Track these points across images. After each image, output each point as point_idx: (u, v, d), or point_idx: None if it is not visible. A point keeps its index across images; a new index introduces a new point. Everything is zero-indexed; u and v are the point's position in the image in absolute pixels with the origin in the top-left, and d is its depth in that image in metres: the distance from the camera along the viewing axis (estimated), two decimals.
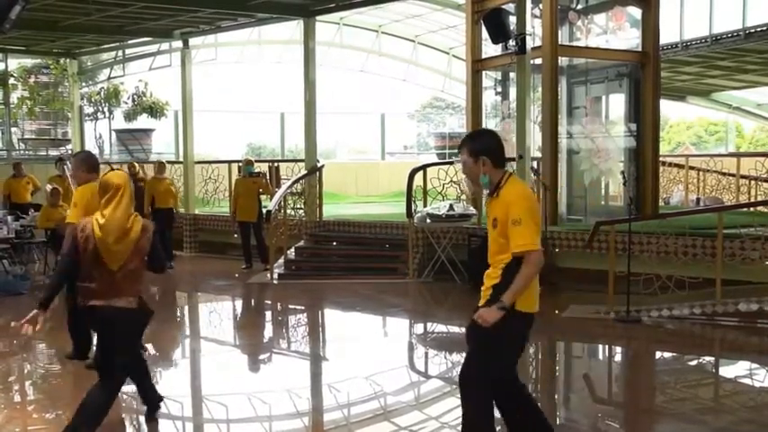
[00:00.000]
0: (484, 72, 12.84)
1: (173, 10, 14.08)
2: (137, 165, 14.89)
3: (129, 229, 4.49)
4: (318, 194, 13.32)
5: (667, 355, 7.71)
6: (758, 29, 14.25)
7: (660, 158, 12.72)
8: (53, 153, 18.71)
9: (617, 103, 12.16)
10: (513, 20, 10.20)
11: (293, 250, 12.23)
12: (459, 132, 22.97)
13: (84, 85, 19.69)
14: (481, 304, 3.97)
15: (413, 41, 20.60)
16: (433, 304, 10.15)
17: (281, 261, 11.93)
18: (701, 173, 15.83)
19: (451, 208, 10.83)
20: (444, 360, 7.48)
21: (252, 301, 10.91)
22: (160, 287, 10.77)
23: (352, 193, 20.98)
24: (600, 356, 7.93)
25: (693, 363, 7.39)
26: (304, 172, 13.47)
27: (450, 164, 12.60)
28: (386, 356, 7.35)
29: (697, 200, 15.43)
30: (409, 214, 11.18)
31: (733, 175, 15.22)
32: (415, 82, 22.30)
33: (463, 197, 11.80)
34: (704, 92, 22.01)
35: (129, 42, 17.89)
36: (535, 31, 11.04)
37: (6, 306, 9.58)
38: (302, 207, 13.01)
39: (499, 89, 13.13)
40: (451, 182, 11.82)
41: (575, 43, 11.91)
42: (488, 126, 13.07)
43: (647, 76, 11.47)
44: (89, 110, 19.58)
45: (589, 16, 12.04)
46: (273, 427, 5.39)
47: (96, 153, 19.37)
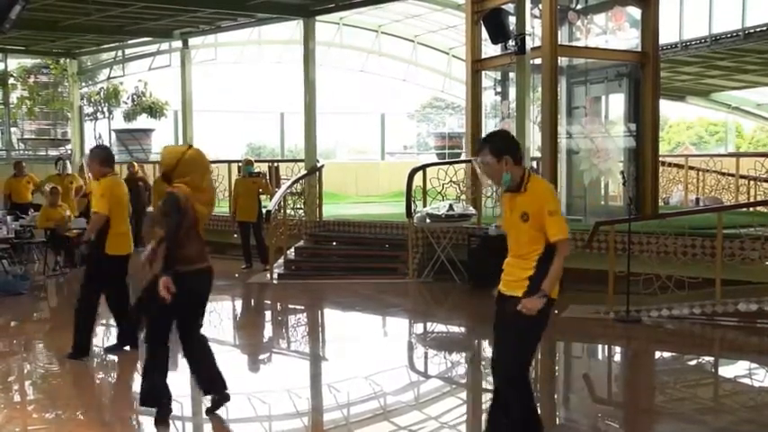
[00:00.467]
0: (484, 72, 12.85)
1: (172, 10, 14.09)
2: (136, 165, 14.90)
3: None
4: (318, 194, 13.32)
5: (667, 355, 7.71)
6: (757, 29, 14.25)
7: (660, 158, 12.73)
8: (53, 153, 18.72)
9: (616, 103, 12.17)
10: (512, 20, 10.22)
11: (293, 250, 12.23)
12: (459, 132, 23.00)
13: (84, 85, 19.69)
14: (515, 294, 4.17)
15: (413, 41, 20.61)
16: (433, 304, 10.15)
17: (280, 261, 11.93)
18: (700, 173, 15.83)
19: (451, 208, 10.82)
20: (444, 360, 7.48)
21: (252, 301, 10.91)
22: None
23: (351, 193, 20.99)
24: (600, 356, 7.93)
25: (693, 363, 7.40)
26: (304, 172, 13.47)
27: (450, 164, 12.62)
28: (386, 356, 7.35)
29: (696, 200, 15.43)
30: (409, 214, 11.18)
31: (732, 175, 15.23)
32: (415, 82, 22.32)
33: (463, 197, 11.80)
34: (704, 92, 22.01)
35: (129, 42, 17.90)
36: (535, 31, 11.04)
37: (6, 306, 9.57)
38: (302, 207, 13.01)
39: (499, 89, 13.13)
40: (451, 182, 11.82)
41: (574, 43, 11.92)
42: (488, 126, 13.08)
43: (646, 76, 11.48)
44: (89, 110, 19.57)
45: (589, 16, 12.04)
46: (273, 427, 5.40)
47: None
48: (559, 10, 11.12)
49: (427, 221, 10.88)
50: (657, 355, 7.76)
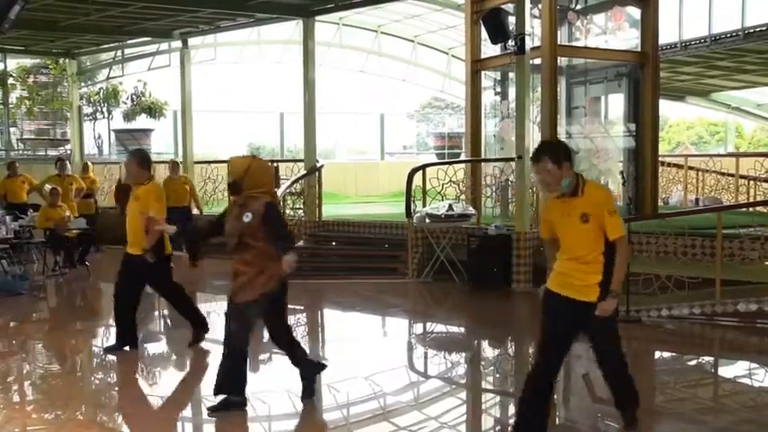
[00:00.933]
0: (483, 72, 12.86)
1: (172, 10, 14.08)
2: None
3: None
4: (318, 194, 13.31)
5: (667, 355, 7.71)
6: (757, 29, 14.25)
7: (659, 158, 12.73)
8: (52, 153, 18.69)
9: (616, 104, 12.18)
10: (512, 20, 10.22)
11: None
12: (459, 132, 22.97)
13: (84, 85, 19.66)
14: (588, 299, 4.45)
15: (412, 41, 20.59)
16: (433, 304, 10.15)
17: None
18: (700, 173, 15.84)
19: (451, 208, 10.82)
20: (444, 360, 7.48)
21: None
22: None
23: (351, 194, 20.98)
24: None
25: (693, 363, 7.40)
26: (303, 172, 13.47)
27: (450, 164, 12.62)
28: (385, 356, 7.35)
29: (696, 200, 15.44)
30: (408, 214, 11.17)
31: (732, 176, 15.23)
32: (415, 82, 22.29)
33: (462, 197, 11.78)
34: (703, 92, 22.01)
35: (129, 42, 17.87)
36: (534, 31, 11.04)
37: (6, 306, 9.57)
38: (302, 207, 12.99)
39: (498, 89, 13.14)
40: (451, 182, 11.81)
41: (574, 43, 11.93)
42: (487, 126, 13.09)
43: (646, 76, 11.48)
44: (88, 110, 19.55)
45: (588, 16, 12.05)
46: (273, 427, 5.39)
47: (95, 153, 19.45)
48: (559, 10, 11.13)
49: (427, 221, 10.88)
50: (657, 355, 7.76)
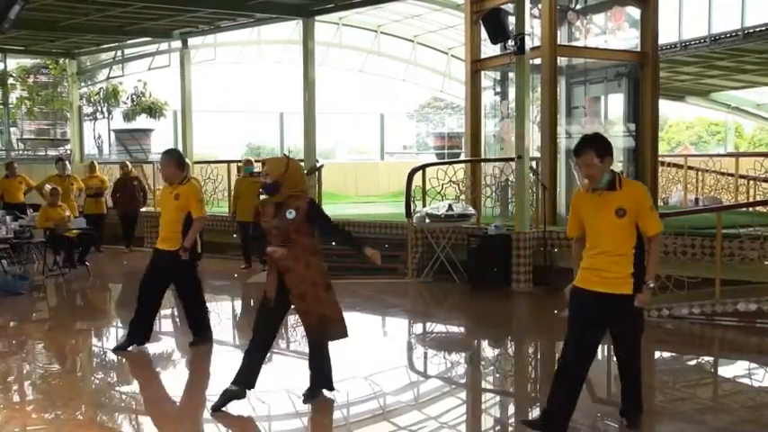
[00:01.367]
0: (483, 72, 12.86)
1: (172, 10, 14.09)
2: (129, 164, 14.91)
3: None
4: (318, 194, 13.32)
5: (667, 355, 7.70)
6: (757, 29, 14.27)
7: (659, 158, 12.73)
8: (52, 153, 18.69)
9: (616, 103, 12.19)
10: (512, 20, 10.21)
11: None
12: (458, 132, 22.97)
13: (84, 85, 19.67)
14: (622, 291, 4.55)
15: (412, 41, 20.60)
16: (433, 304, 10.15)
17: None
18: (699, 173, 15.84)
19: (450, 208, 10.82)
20: (444, 360, 7.48)
21: (251, 301, 10.88)
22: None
23: (351, 193, 20.97)
24: (599, 356, 7.90)
25: (693, 363, 7.40)
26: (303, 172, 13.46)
27: (450, 164, 12.61)
28: (385, 356, 7.36)
29: (696, 200, 15.44)
30: (408, 214, 11.17)
31: (732, 175, 15.24)
32: (415, 82, 22.31)
33: (462, 197, 11.78)
34: (703, 92, 22.03)
35: (129, 42, 17.89)
36: (534, 31, 11.05)
37: (6, 306, 9.57)
38: None
39: (498, 89, 13.14)
40: (450, 182, 11.81)
41: (574, 43, 11.93)
42: (487, 126, 13.10)
43: (645, 76, 11.49)
44: (88, 110, 19.56)
45: (588, 16, 12.05)
46: (273, 427, 5.40)
47: (95, 153, 19.45)
48: (559, 10, 11.14)
49: (427, 221, 10.88)
50: (657, 355, 7.75)
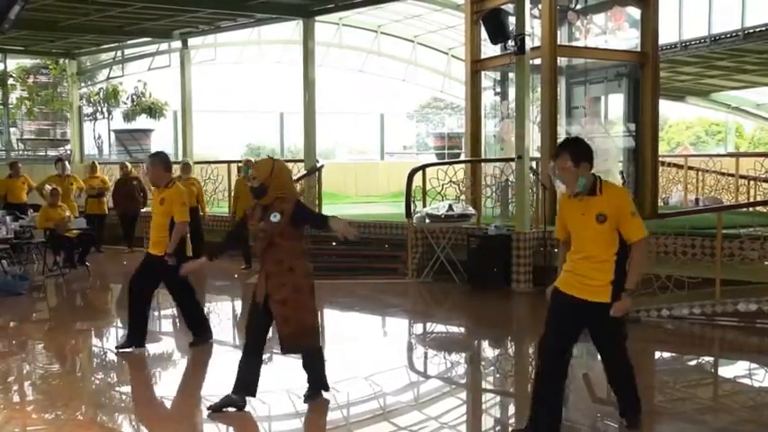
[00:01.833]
0: (483, 72, 12.85)
1: (172, 10, 14.09)
2: (128, 164, 14.89)
3: None
4: (318, 194, 13.32)
5: (667, 355, 7.70)
6: (757, 29, 14.26)
7: (659, 158, 12.73)
8: (52, 153, 18.69)
9: (616, 104, 12.19)
10: (512, 20, 10.21)
11: None
12: (459, 132, 22.97)
13: (84, 85, 19.67)
14: (601, 300, 4.56)
15: (412, 42, 20.60)
16: (433, 304, 10.15)
17: None
18: (699, 173, 15.84)
19: (451, 208, 10.82)
20: (444, 360, 7.48)
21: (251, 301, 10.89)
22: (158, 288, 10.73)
23: (351, 194, 20.97)
24: (599, 356, 7.90)
25: (693, 363, 7.40)
26: (303, 172, 13.47)
27: (450, 164, 12.61)
28: (385, 357, 7.35)
29: (696, 200, 15.44)
30: (408, 214, 11.17)
31: (732, 176, 15.24)
32: (415, 82, 22.30)
33: (462, 197, 11.79)
34: (703, 92, 22.02)
35: (129, 43, 17.90)
36: (534, 31, 11.04)
37: (6, 306, 9.57)
38: None
39: (498, 89, 13.14)
40: (451, 182, 11.81)
41: (574, 43, 11.93)
42: (487, 126, 13.09)
43: (646, 76, 11.48)
44: (88, 110, 19.56)
45: (588, 16, 12.05)
46: (273, 427, 5.40)
47: (95, 153, 19.45)
48: (559, 10, 11.14)
49: (427, 222, 10.88)
50: (657, 355, 7.75)
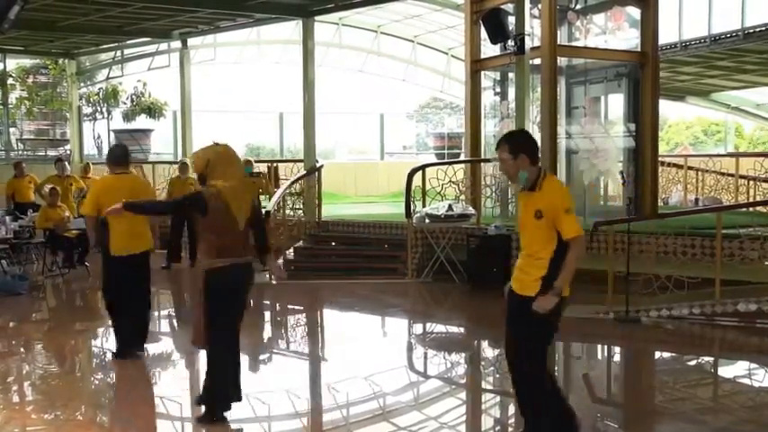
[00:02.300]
0: (483, 72, 12.84)
1: (171, 10, 14.08)
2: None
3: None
4: (317, 194, 13.31)
5: (667, 355, 7.70)
6: (757, 29, 14.25)
7: (659, 158, 12.72)
8: (52, 153, 18.68)
9: (616, 104, 12.17)
10: (511, 20, 10.21)
11: (292, 251, 12.22)
12: (458, 132, 22.96)
13: (83, 85, 19.66)
14: (528, 294, 4.32)
15: (412, 42, 20.59)
16: (433, 304, 10.15)
17: (280, 261, 11.90)
18: (699, 173, 15.84)
19: (450, 208, 10.82)
20: (443, 360, 7.48)
21: (251, 301, 10.89)
22: (158, 288, 10.74)
23: (351, 194, 20.98)
24: (599, 356, 7.92)
25: (693, 363, 7.39)
26: (303, 172, 13.46)
27: (450, 164, 12.61)
28: (385, 357, 7.35)
29: (696, 200, 15.44)
30: (408, 214, 11.17)
31: (732, 176, 15.24)
32: (414, 82, 22.29)
33: (462, 197, 11.78)
34: (703, 92, 22.01)
35: (128, 43, 17.89)
36: (534, 31, 11.04)
37: (6, 306, 9.57)
38: (301, 207, 12.99)
39: (498, 89, 13.13)
40: (450, 182, 11.81)
41: (574, 43, 11.92)
42: (487, 126, 13.08)
43: (646, 76, 11.47)
44: (87, 110, 19.53)
45: (588, 16, 12.04)
46: (273, 427, 5.39)
47: (95, 153, 19.43)
48: (559, 10, 11.11)
49: (426, 222, 10.87)
50: (657, 355, 7.76)
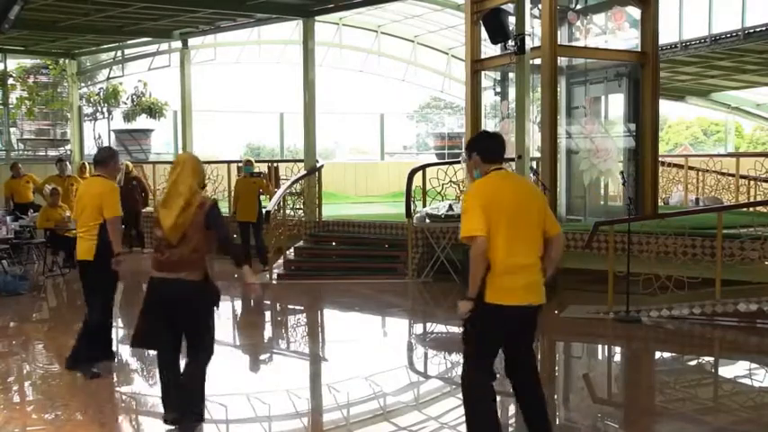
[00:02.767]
0: (483, 72, 12.84)
1: (172, 10, 14.08)
2: (130, 164, 14.86)
3: (187, 204, 4.67)
4: (318, 194, 13.32)
5: (667, 355, 7.71)
6: (757, 29, 14.24)
7: (659, 158, 12.72)
8: (52, 153, 18.68)
9: (616, 103, 12.16)
10: (512, 20, 10.20)
11: (292, 250, 12.23)
12: (459, 132, 22.99)
13: (84, 85, 19.66)
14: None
15: (412, 42, 20.60)
16: (433, 304, 10.15)
17: (280, 261, 11.92)
18: (700, 173, 15.84)
19: (451, 208, 10.82)
20: (444, 360, 7.48)
21: (251, 301, 10.90)
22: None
23: (351, 193, 20.98)
24: (599, 356, 7.93)
25: (693, 363, 7.40)
26: (303, 172, 13.47)
27: (450, 164, 12.61)
28: (385, 357, 7.35)
29: (696, 200, 15.44)
30: (408, 214, 11.18)
31: (732, 175, 15.23)
32: (415, 82, 22.30)
33: (462, 197, 11.78)
34: (703, 92, 22.00)
35: (129, 43, 17.89)
36: (534, 31, 11.03)
37: (6, 306, 9.58)
38: (301, 207, 12.99)
39: (498, 89, 13.12)
40: (451, 182, 11.82)
41: (574, 43, 11.91)
42: (488, 126, 13.07)
43: (646, 76, 11.47)
44: (88, 110, 19.54)
45: (588, 16, 12.04)
46: (273, 428, 5.39)
47: (95, 153, 19.42)
48: (559, 10, 11.12)
49: (427, 221, 10.88)
50: (657, 355, 7.76)
